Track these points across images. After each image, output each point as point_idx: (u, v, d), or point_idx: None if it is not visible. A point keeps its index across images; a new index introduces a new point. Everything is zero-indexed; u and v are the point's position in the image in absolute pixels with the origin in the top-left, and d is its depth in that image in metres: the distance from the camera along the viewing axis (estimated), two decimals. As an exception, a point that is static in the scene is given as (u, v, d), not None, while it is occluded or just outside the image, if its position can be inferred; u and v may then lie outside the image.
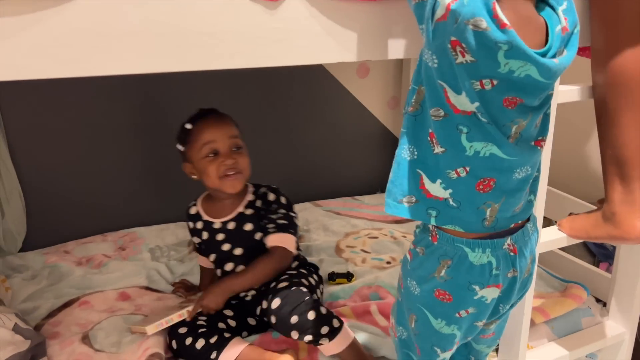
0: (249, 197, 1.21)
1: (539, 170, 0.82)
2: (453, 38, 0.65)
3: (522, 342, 1.09)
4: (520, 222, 0.81)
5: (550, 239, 1.05)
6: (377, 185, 2.13)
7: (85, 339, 1.17)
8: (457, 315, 0.80)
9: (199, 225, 1.23)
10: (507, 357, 1.12)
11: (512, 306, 0.89)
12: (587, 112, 1.00)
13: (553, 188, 1.47)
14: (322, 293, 1.25)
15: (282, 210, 1.18)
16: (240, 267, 1.18)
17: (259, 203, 1.20)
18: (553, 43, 0.69)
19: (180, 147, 1.17)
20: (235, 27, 0.73)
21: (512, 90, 0.68)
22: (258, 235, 1.18)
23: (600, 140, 0.95)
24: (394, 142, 2.08)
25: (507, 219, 0.78)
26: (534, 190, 0.82)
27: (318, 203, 1.92)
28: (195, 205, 1.25)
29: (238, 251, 1.18)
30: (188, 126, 1.13)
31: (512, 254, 0.79)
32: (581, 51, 1.16)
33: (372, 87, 2.01)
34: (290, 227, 1.16)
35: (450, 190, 0.74)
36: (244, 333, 1.16)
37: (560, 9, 0.70)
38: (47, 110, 1.57)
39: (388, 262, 1.49)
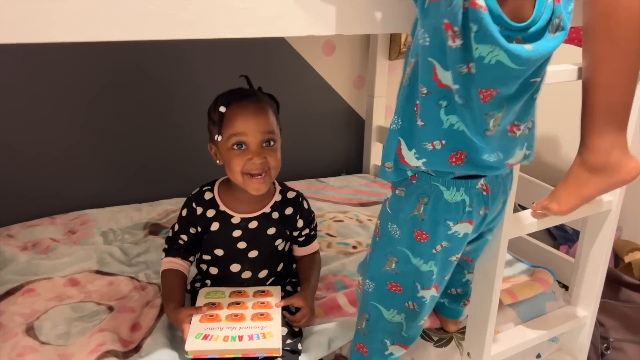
0: (276, 197, 1.11)
1: (530, 148, 0.84)
2: (446, 21, 0.65)
3: (490, 327, 1.07)
4: None
5: (520, 225, 1.04)
6: (343, 166, 2.09)
7: (30, 330, 1.08)
8: (433, 251, 0.86)
9: (210, 213, 1.07)
10: (475, 339, 1.10)
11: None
12: (549, 98, 0.97)
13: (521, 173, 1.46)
14: None
15: (315, 218, 1.17)
16: (247, 273, 1.09)
17: (289, 210, 1.10)
18: (540, 16, 0.67)
19: (209, 126, 1.05)
20: (193, -9, 0.65)
21: (486, 80, 0.69)
22: (278, 242, 1.10)
23: (587, 88, 0.88)
24: (359, 123, 2.07)
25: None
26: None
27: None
28: (210, 190, 1.09)
29: (253, 253, 1.08)
30: (222, 109, 0.97)
31: (485, 193, 0.84)
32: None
33: (338, 65, 1.94)
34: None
35: (423, 160, 0.78)
36: None
37: None
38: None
39: (354, 247, 1.45)
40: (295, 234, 1.14)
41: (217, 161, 1.06)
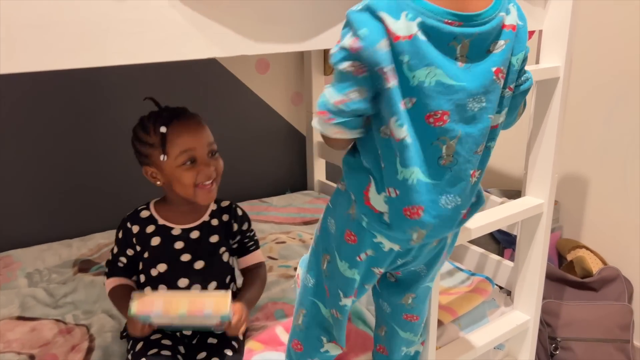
0: (212, 206, 1.12)
1: (479, 202, 0.83)
2: (377, 67, 0.66)
3: (431, 344, 1.05)
4: None
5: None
6: (287, 185, 2.06)
7: (-61, 390, 0.99)
8: (357, 258, 0.84)
9: (150, 229, 1.06)
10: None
11: (422, 278, 0.92)
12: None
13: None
14: None
15: (252, 228, 1.16)
16: (196, 287, 1.04)
17: (225, 217, 1.11)
18: (490, 17, 0.69)
19: (144, 150, 1.02)
20: (75, 18, 0.61)
21: (432, 104, 0.68)
22: (221, 250, 1.08)
23: None
24: (300, 140, 2.04)
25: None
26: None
27: (223, 208, 1.80)
28: (147, 208, 1.09)
29: (199, 264, 1.05)
30: (162, 130, 0.98)
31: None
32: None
33: (274, 83, 1.92)
34: (259, 242, 1.19)
35: (388, 207, 0.76)
36: None
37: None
38: None
39: (295, 269, 1.40)
40: (231, 241, 1.12)
41: (157, 182, 1.05)
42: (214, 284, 1.06)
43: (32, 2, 0.58)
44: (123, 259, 1.08)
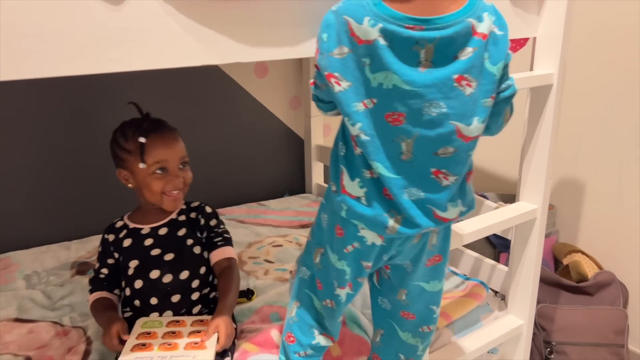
0: (182, 205, 1.19)
1: (468, 210, 0.84)
2: (326, 72, 0.72)
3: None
4: None
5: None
6: (286, 188, 2.07)
7: (-63, 391, 1.00)
8: (345, 250, 0.87)
9: (122, 234, 1.14)
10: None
11: (414, 276, 0.92)
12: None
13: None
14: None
15: (222, 226, 1.21)
16: (168, 276, 1.09)
17: (193, 214, 1.18)
18: (452, 23, 0.68)
19: (121, 154, 1.10)
20: (72, 26, 0.62)
21: (390, 105, 0.72)
22: (189, 242, 1.15)
23: None
24: (298, 143, 2.06)
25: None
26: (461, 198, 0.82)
27: (221, 211, 1.82)
28: (121, 219, 1.18)
29: (169, 256, 1.11)
30: (142, 140, 1.05)
31: None
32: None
33: (272, 87, 1.93)
34: (231, 240, 1.22)
35: (365, 189, 0.79)
36: None
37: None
38: None
39: (291, 272, 1.42)
40: (200, 234, 1.17)
41: (129, 185, 1.12)
42: (185, 273, 1.11)
43: (32, 12, 0.59)
44: (104, 271, 1.14)
